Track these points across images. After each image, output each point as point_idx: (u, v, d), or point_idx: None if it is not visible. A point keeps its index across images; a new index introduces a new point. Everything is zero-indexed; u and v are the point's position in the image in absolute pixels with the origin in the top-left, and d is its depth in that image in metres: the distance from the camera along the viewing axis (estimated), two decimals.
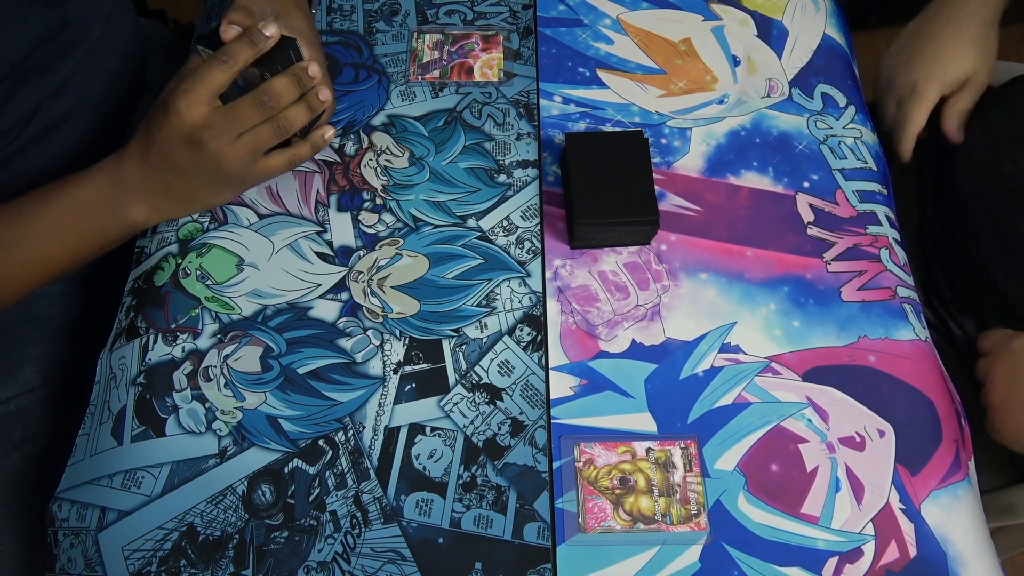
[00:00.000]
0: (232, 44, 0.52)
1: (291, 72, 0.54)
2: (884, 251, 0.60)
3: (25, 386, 0.66)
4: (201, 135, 0.51)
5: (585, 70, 0.68)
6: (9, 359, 0.66)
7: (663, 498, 0.51)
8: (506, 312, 0.57)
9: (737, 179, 0.63)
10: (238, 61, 0.52)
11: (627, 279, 0.59)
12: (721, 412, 0.53)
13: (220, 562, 0.49)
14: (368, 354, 0.56)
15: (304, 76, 0.55)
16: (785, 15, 0.72)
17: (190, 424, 0.53)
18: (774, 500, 0.51)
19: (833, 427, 0.53)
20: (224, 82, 0.52)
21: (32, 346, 0.67)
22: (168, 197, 0.56)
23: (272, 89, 0.53)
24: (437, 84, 0.68)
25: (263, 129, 0.54)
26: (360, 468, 0.52)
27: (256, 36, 0.52)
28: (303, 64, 0.55)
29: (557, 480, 0.51)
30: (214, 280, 0.59)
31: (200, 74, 0.51)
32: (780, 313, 0.57)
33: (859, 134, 0.65)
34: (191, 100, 0.51)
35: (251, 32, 0.52)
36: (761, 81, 0.68)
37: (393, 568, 0.49)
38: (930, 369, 0.55)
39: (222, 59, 0.51)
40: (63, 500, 0.52)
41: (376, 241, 0.60)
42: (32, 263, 0.55)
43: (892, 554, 0.49)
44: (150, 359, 0.56)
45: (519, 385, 0.55)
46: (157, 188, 0.55)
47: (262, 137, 0.54)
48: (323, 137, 0.59)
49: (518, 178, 0.63)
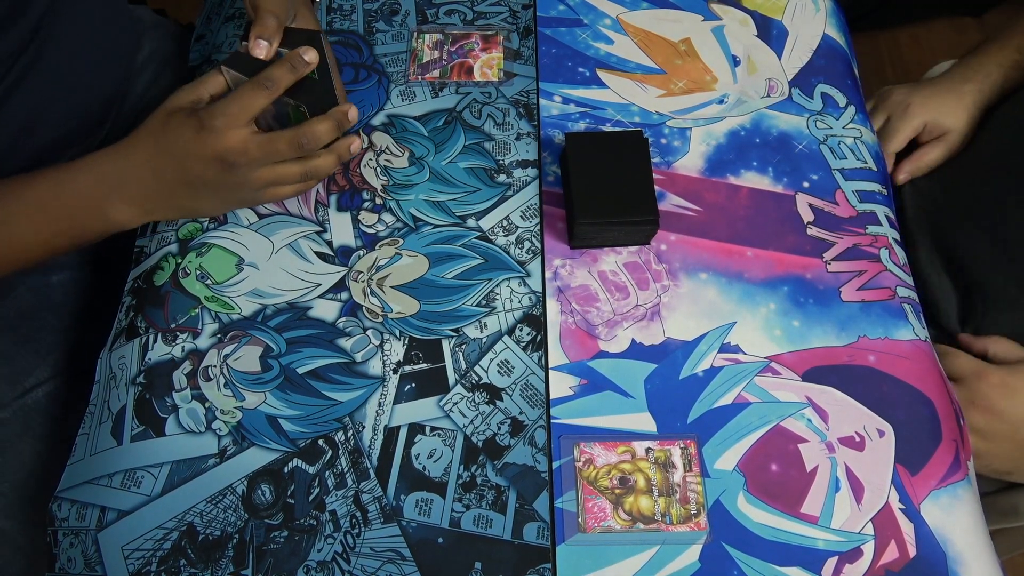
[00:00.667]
0: (274, 70, 0.52)
1: (333, 116, 0.54)
2: (884, 251, 0.60)
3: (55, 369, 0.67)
4: (235, 159, 0.52)
5: (585, 70, 0.68)
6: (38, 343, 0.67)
7: (663, 498, 0.51)
8: (506, 312, 0.57)
9: (737, 179, 0.63)
10: (280, 87, 0.52)
11: (627, 279, 0.59)
12: (721, 412, 0.53)
13: (220, 562, 0.50)
14: (368, 354, 0.56)
15: (344, 121, 0.55)
16: (785, 15, 0.72)
17: (190, 424, 0.53)
18: (774, 500, 0.51)
19: (833, 427, 0.53)
20: (263, 107, 0.52)
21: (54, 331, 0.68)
22: (167, 204, 0.56)
23: (313, 132, 0.53)
24: (437, 84, 0.68)
25: (291, 170, 0.55)
26: (360, 468, 0.52)
27: (297, 62, 0.52)
28: (343, 108, 0.55)
29: (557, 480, 0.51)
30: (214, 280, 0.59)
31: (241, 97, 0.51)
32: (780, 313, 0.57)
33: (859, 134, 0.65)
34: (230, 122, 0.51)
35: (292, 58, 0.52)
36: (761, 81, 0.68)
37: (393, 568, 0.49)
38: (930, 369, 0.55)
39: (265, 84, 0.51)
40: (63, 500, 0.52)
41: (376, 241, 0.60)
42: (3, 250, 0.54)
43: (892, 554, 0.49)
44: (150, 359, 0.56)
45: (519, 385, 0.55)
46: (157, 195, 0.55)
47: (287, 176, 0.55)
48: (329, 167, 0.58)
49: (518, 178, 0.63)
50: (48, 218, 0.54)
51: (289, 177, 0.55)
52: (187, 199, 0.56)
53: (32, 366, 0.66)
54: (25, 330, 0.66)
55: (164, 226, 0.61)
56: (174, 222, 0.61)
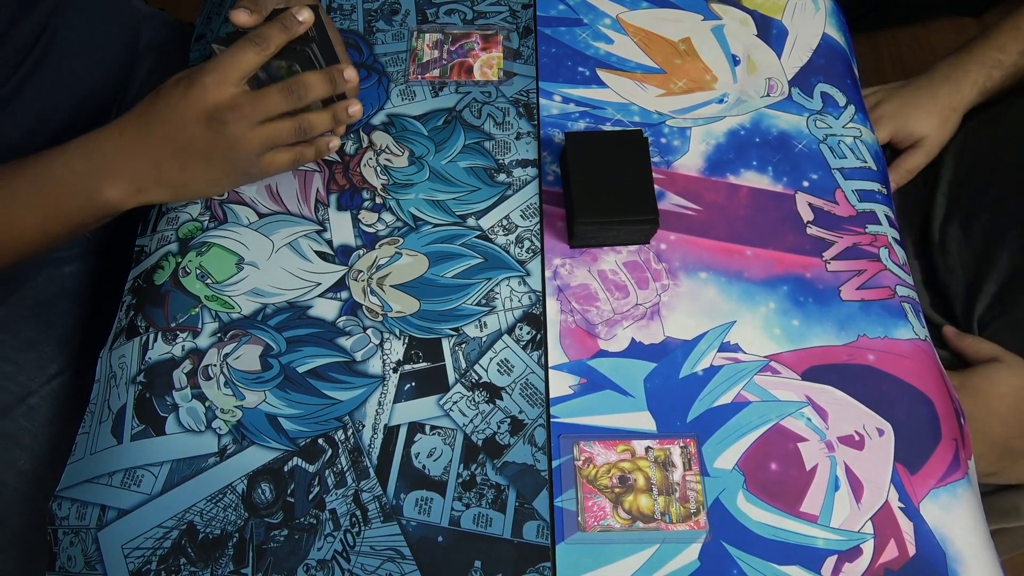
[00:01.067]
0: (265, 28, 0.51)
1: (327, 70, 0.53)
2: (883, 250, 0.60)
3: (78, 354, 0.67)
4: (225, 115, 0.50)
5: (585, 69, 0.68)
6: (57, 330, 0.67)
7: (662, 497, 0.51)
8: (506, 311, 0.57)
9: (737, 178, 0.63)
10: (271, 44, 0.50)
11: (626, 278, 0.59)
12: (720, 411, 0.53)
13: (220, 560, 0.50)
14: (368, 353, 0.56)
15: (339, 78, 0.54)
16: (785, 14, 0.72)
17: (190, 423, 0.53)
18: (773, 499, 0.51)
19: (832, 426, 0.53)
20: (255, 65, 0.50)
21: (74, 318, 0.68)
22: (157, 180, 0.54)
23: (304, 81, 0.52)
24: (437, 83, 0.68)
25: (284, 124, 0.53)
26: (360, 467, 0.52)
27: (289, 21, 0.51)
28: (340, 67, 0.54)
29: (556, 479, 0.51)
30: (214, 279, 0.59)
31: (231, 54, 0.49)
32: (779, 312, 0.57)
33: (859, 133, 0.65)
34: (220, 78, 0.49)
35: (285, 17, 0.51)
36: (761, 80, 0.68)
37: (392, 566, 0.49)
38: (929, 368, 0.55)
39: (255, 41, 0.50)
40: (63, 498, 0.52)
41: (376, 240, 0.60)
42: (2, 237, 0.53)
43: (891, 553, 0.49)
44: (150, 358, 0.56)
45: (518, 384, 0.55)
46: (146, 170, 0.53)
47: (280, 132, 0.53)
48: (328, 145, 0.59)
49: (518, 177, 0.63)
50: (40, 201, 0.52)
51: (283, 133, 0.53)
52: (179, 171, 0.54)
53: (56, 352, 0.66)
54: (46, 317, 0.67)
55: (164, 225, 0.61)
56: (175, 221, 0.61)
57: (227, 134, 0.51)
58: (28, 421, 0.63)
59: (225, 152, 0.52)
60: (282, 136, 0.53)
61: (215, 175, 0.55)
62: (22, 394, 0.64)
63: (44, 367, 0.65)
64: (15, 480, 0.62)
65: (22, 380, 0.64)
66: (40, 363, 0.65)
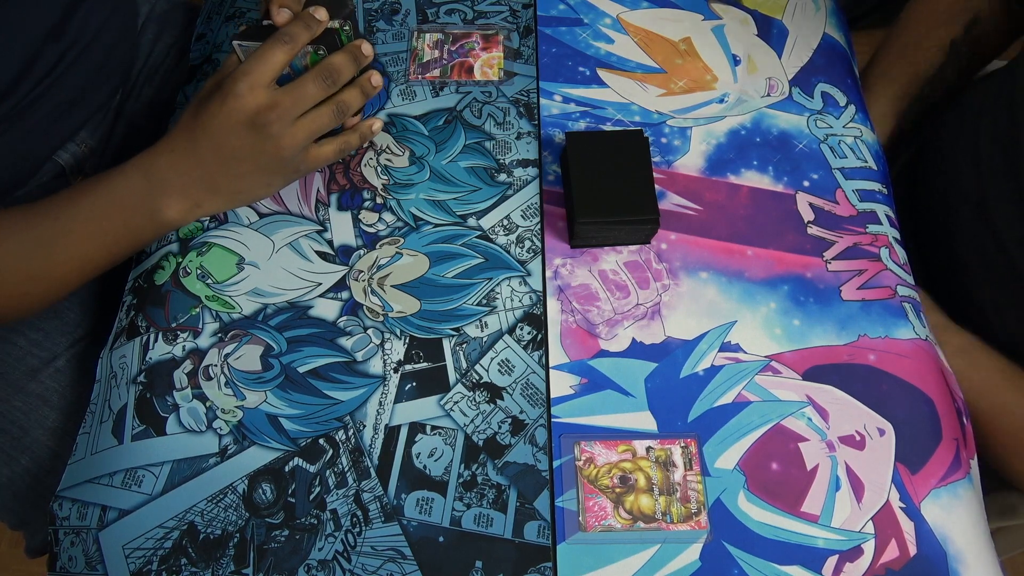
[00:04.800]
0: (290, 26, 0.52)
1: (348, 49, 0.55)
2: (884, 250, 0.60)
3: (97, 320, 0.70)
4: (266, 117, 0.51)
5: (585, 69, 0.68)
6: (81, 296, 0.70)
7: (663, 497, 0.51)
8: (506, 311, 0.57)
9: (737, 178, 0.63)
10: (297, 42, 0.52)
11: (627, 278, 0.59)
12: (721, 411, 0.53)
13: (221, 560, 0.50)
14: (368, 353, 0.56)
15: (359, 54, 0.56)
16: (785, 14, 0.72)
17: (191, 423, 0.53)
18: (774, 499, 0.51)
19: (833, 426, 0.53)
20: (284, 63, 0.52)
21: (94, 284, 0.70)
22: (213, 191, 0.56)
23: (332, 65, 0.54)
24: (437, 83, 0.68)
25: (322, 111, 0.54)
26: (360, 467, 0.52)
27: (310, 20, 0.53)
28: (356, 43, 0.56)
29: (557, 479, 0.51)
30: (214, 279, 0.59)
31: (261, 56, 0.51)
32: (780, 312, 0.57)
33: (859, 133, 0.65)
34: (252, 83, 0.51)
35: (304, 17, 0.53)
36: (761, 80, 0.68)
37: (393, 566, 0.49)
38: (930, 367, 0.55)
39: (283, 39, 0.51)
40: (64, 499, 0.52)
41: (376, 240, 0.60)
42: (71, 263, 0.55)
43: (892, 552, 0.49)
44: (150, 358, 0.56)
45: (519, 384, 0.55)
46: (200, 182, 0.55)
47: (321, 119, 0.54)
48: (371, 128, 0.61)
49: (518, 177, 0.63)
50: (105, 225, 0.55)
51: (323, 120, 0.54)
52: (232, 180, 0.56)
53: (80, 318, 0.69)
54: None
55: None
56: None
57: (271, 135, 0.53)
58: (55, 382, 0.67)
59: (273, 152, 0.54)
60: (323, 123, 0.55)
61: (267, 177, 0.57)
62: (48, 358, 0.67)
63: (68, 332, 0.69)
64: (46, 437, 0.66)
65: (48, 345, 0.67)
66: (64, 329, 0.69)
